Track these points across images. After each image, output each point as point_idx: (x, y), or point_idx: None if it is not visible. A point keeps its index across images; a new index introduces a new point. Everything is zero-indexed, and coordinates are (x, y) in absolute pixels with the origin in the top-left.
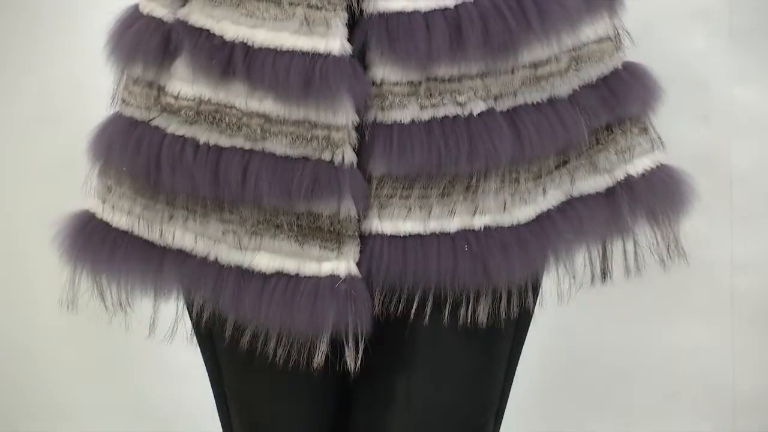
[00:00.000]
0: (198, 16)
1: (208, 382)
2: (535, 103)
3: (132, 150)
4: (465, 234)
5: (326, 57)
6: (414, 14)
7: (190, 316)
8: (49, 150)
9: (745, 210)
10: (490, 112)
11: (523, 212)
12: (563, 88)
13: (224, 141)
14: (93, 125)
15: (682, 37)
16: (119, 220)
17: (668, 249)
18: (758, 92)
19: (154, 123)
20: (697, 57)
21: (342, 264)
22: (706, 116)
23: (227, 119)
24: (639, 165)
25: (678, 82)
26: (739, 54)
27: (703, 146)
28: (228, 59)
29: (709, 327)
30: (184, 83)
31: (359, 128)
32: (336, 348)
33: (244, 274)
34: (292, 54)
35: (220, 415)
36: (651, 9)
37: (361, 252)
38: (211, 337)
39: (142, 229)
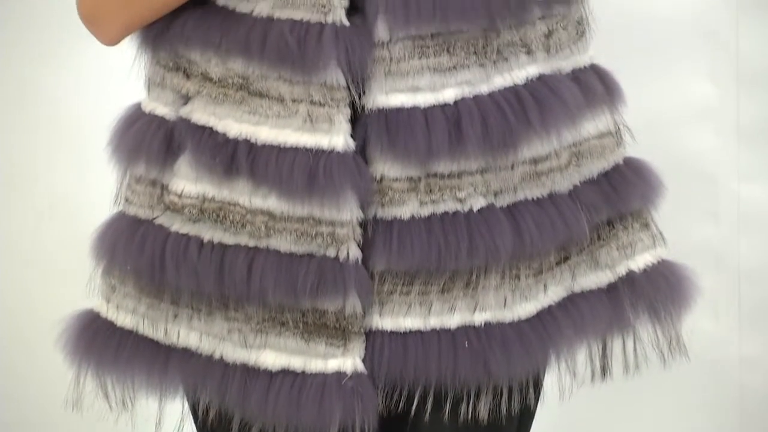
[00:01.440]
0: (201, 114)
1: None
2: (535, 198)
3: (136, 249)
4: (465, 330)
5: (330, 153)
6: (413, 110)
7: (195, 416)
8: None
9: (754, 307)
10: (490, 208)
11: (524, 308)
12: (564, 183)
13: (228, 239)
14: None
15: (690, 134)
16: (123, 319)
17: (670, 345)
18: (766, 189)
19: (158, 221)
20: (704, 154)
21: (348, 361)
22: (714, 213)
23: (231, 217)
24: (641, 261)
25: (685, 179)
26: (746, 151)
27: (710, 243)
28: (231, 157)
29: (718, 426)
30: (188, 181)
31: (363, 224)
32: None
33: (250, 371)
34: (295, 151)
35: None
36: (659, 105)
37: None
38: None
39: (146, 329)
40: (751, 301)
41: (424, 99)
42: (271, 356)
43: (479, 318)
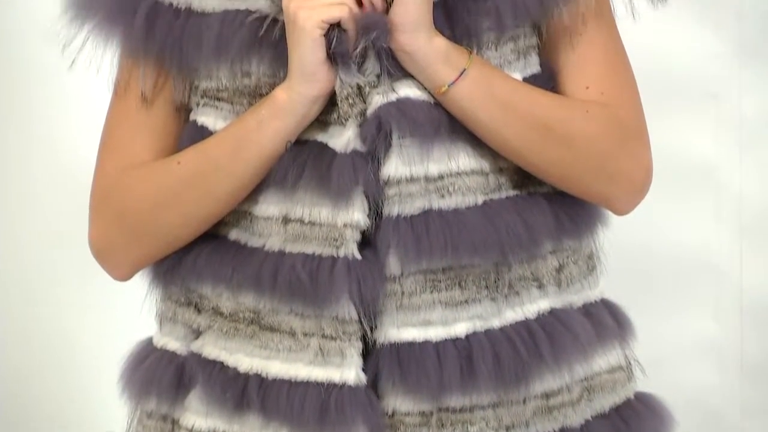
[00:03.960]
0: (212, 349)
1: None
2: None
3: None
4: None
5: (341, 387)
6: (425, 344)
7: None
8: None
9: None
10: None
11: None
12: (575, 418)
13: None
14: None
15: (694, 370)
16: None
17: None
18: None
19: None
20: (708, 390)
21: None
22: None
23: None
24: None
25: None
26: (749, 388)
27: None
28: (242, 391)
29: None
30: (198, 416)
31: None
32: None
33: None
34: (306, 385)
35: None
36: (665, 343)
37: None
38: None
39: None
40: None
41: (435, 333)
42: None
43: None
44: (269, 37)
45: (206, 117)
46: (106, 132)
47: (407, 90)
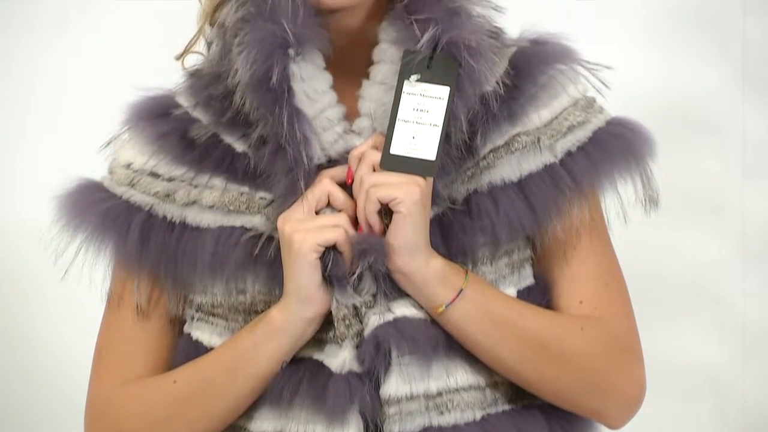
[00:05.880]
0: None
1: None
2: None
3: None
4: None
5: None
6: None
7: None
8: None
9: None
10: None
11: None
12: None
13: None
14: None
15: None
16: None
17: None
18: None
19: None
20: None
21: None
22: None
23: None
24: None
25: None
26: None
27: None
28: None
29: None
30: None
31: None
32: None
33: None
34: None
35: None
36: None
37: None
38: None
39: None
40: None
41: None
42: None
43: None
44: (264, 256)
45: (201, 332)
46: (100, 345)
47: (404, 309)
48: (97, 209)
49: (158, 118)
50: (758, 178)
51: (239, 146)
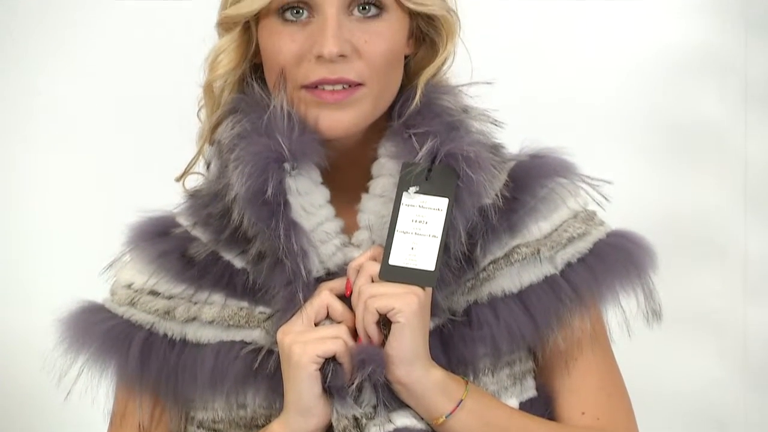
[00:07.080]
0: None
1: None
2: None
3: None
4: None
5: None
6: None
7: None
8: None
9: None
10: None
11: None
12: None
13: None
14: None
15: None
16: None
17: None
18: None
19: None
20: None
21: None
22: None
23: None
24: None
25: None
26: None
27: None
28: None
29: None
30: None
31: None
32: None
33: None
34: None
35: None
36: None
37: None
38: None
39: None
40: None
41: None
42: None
43: None
44: (264, 369)
45: None
46: None
47: (405, 420)
48: (99, 330)
49: (158, 237)
50: (760, 294)
51: (238, 263)
